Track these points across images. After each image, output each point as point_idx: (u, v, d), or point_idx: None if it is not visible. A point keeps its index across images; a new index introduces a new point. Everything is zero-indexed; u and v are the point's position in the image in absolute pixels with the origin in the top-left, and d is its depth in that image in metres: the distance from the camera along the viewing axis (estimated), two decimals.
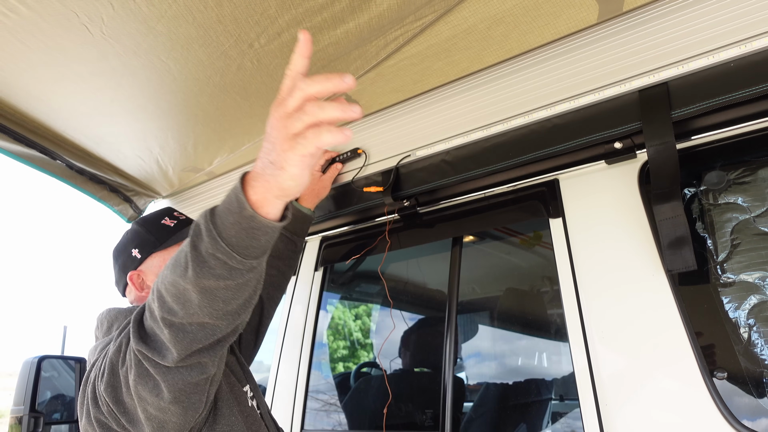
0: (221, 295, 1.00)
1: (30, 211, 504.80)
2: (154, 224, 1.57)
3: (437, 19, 1.58)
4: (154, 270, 1.52)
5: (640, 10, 1.53)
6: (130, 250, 1.54)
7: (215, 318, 1.03)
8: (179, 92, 1.90)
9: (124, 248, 1.56)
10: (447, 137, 1.91)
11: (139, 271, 1.52)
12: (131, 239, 1.56)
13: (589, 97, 1.61)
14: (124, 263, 1.54)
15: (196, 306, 1.00)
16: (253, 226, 0.95)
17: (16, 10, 1.46)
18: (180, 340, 1.04)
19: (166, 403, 1.10)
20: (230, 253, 0.95)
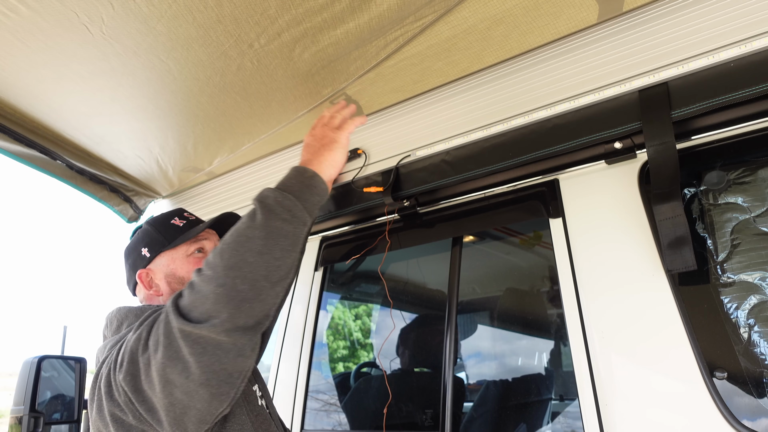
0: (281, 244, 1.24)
1: (30, 211, 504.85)
2: (164, 224, 1.61)
3: (437, 19, 1.59)
4: (162, 269, 1.55)
5: (640, 10, 1.53)
6: (140, 249, 1.57)
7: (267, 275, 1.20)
8: (179, 92, 1.90)
9: (134, 247, 1.60)
10: (447, 137, 1.91)
11: (148, 269, 1.56)
12: (141, 239, 1.60)
13: (589, 97, 1.61)
14: (134, 262, 1.58)
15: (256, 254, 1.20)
16: (313, 184, 1.42)
17: (16, 9, 1.46)
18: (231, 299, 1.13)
19: (195, 385, 1.12)
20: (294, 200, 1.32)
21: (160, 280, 1.55)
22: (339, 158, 1.56)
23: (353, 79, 1.87)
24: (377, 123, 2.12)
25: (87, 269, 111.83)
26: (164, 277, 1.55)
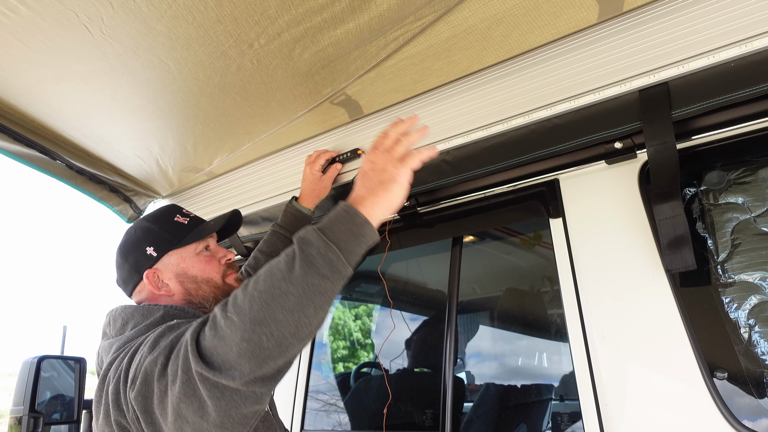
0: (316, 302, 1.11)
1: (29, 211, 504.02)
2: (168, 222, 1.57)
3: (437, 19, 1.58)
4: (171, 268, 1.52)
5: (640, 10, 1.53)
6: (144, 247, 1.52)
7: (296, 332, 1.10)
8: (179, 92, 1.90)
9: (135, 246, 1.54)
10: (447, 137, 1.91)
11: (155, 269, 1.51)
12: (144, 237, 1.54)
13: (589, 97, 1.61)
14: (137, 262, 1.52)
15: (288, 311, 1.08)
16: (362, 233, 1.17)
17: (15, 9, 1.46)
18: (255, 356, 1.06)
19: (209, 426, 1.08)
20: (338, 253, 1.13)
21: (169, 280, 1.51)
22: (396, 200, 1.25)
23: (353, 79, 1.87)
24: (377, 123, 2.12)
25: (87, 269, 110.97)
26: (175, 276, 1.52)
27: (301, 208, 2.04)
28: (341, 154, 2.18)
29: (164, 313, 1.39)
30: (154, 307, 1.42)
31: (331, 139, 2.27)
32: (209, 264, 1.56)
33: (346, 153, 2.17)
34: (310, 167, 2.13)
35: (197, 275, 1.53)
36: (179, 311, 1.42)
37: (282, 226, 2.02)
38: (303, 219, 2.04)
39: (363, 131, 2.17)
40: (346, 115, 2.13)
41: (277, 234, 2.01)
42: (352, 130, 2.19)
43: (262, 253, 1.98)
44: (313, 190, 2.11)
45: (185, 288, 1.51)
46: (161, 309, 1.40)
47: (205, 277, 1.54)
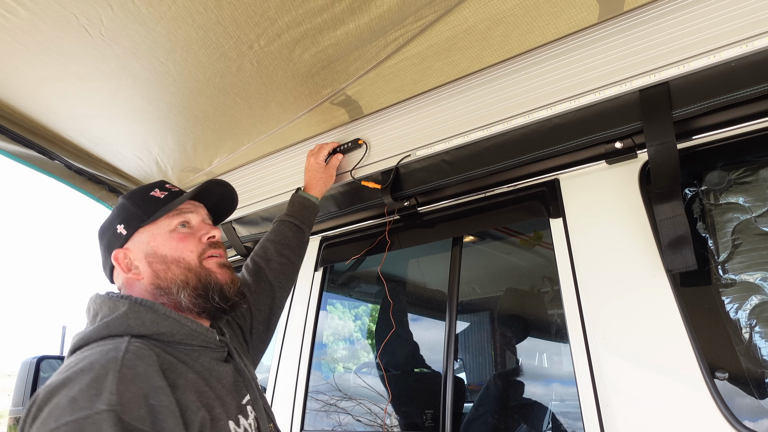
0: None
1: (29, 211, 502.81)
2: (142, 197, 1.40)
3: (437, 19, 1.58)
4: (141, 247, 1.34)
5: (640, 10, 1.53)
6: (115, 226, 1.37)
7: None
8: (178, 93, 1.90)
9: (109, 225, 1.39)
10: (447, 137, 1.91)
11: (125, 249, 1.34)
12: (117, 215, 1.39)
13: (589, 97, 1.61)
14: (109, 241, 1.37)
15: None
16: None
17: (14, 11, 1.46)
18: None
19: None
20: None
21: (139, 261, 1.33)
22: None
23: (353, 79, 1.86)
24: (377, 123, 2.12)
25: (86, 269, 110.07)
26: (144, 256, 1.33)
27: (308, 196, 2.00)
28: (342, 144, 2.18)
29: (127, 310, 1.20)
30: (120, 300, 1.23)
31: (330, 139, 2.27)
32: (183, 242, 1.36)
33: (347, 143, 2.18)
34: (315, 157, 2.12)
35: (167, 254, 1.34)
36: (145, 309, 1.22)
37: (289, 215, 1.93)
38: (311, 207, 1.99)
39: (363, 131, 2.16)
40: (346, 115, 2.13)
41: (284, 223, 1.91)
42: (352, 130, 2.19)
43: (270, 241, 1.86)
44: (321, 179, 2.08)
45: (153, 269, 1.33)
46: (126, 303, 1.21)
47: (176, 257, 1.34)
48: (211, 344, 1.30)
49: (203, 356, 1.27)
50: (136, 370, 1.06)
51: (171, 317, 1.23)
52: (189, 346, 1.25)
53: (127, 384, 1.02)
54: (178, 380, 1.13)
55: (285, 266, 1.83)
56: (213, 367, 1.27)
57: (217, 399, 1.21)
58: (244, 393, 1.34)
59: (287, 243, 1.87)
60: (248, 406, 1.33)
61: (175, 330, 1.22)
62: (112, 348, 1.09)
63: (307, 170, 2.12)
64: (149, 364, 1.09)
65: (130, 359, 1.07)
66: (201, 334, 1.27)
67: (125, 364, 1.05)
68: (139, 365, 1.07)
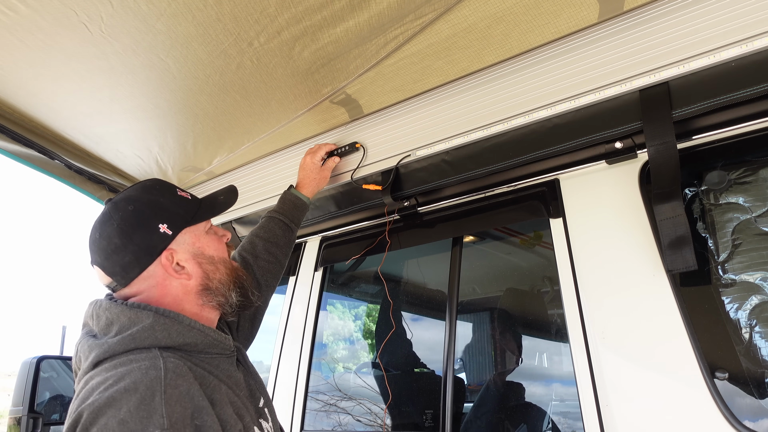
0: None
1: (29, 211, 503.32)
2: (175, 195, 1.36)
3: (437, 17, 1.58)
4: (186, 248, 1.31)
5: (640, 10, 1.53)
6: (156, 224, 1.27)
7: None
8: (178, 91, 1.90)
9: (143, 223, 1.27)
10: (447, 137, 1.91)
11: (170, 249, 1.28)
12: (153, 212, 1.29)
13: (589, 97, 1.60)
14: (148, 242, 1.26)
15: None
16: None
17: (15, 8, 1.46)
18: None
19: None
20: None
21: (186, 261, 1.30)
22: None
23: (353, 78, 1.86)
24: (377, 123, 2.12)
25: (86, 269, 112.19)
26: (192, 257, 1.31)
27: (300, 195, 2.00)
28: (339, 147, 2.18)
29: (153, 322, 1.16)
30: (143, 311, 1.19)
31: (330, 138, 2.27)
32: (220, 243, 1.40)
33: (344, 146, 2.18)
34: (311, 156, 2.12)
35: (213, 255, 1.35)
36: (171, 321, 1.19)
37: (280, 212, 1.93)
38: (302, 206, 1.99)
39: (363, 131, 2.16)
40: (345, 115, 2.13)
41: (274, 220, 1.90)
42: (352, 130, 2.19)
43: (258, 237, 1.85)
44: (314, 179, 2.08)
45: (204, 270, 1.32)
46: (150, 315, 1.18)
47: (221, 257, 1.37)
48: (227, 351, 1.29)
49: (223, 364, 1.27)
50: (179, 389, 1.06)
51: (196, 328, 1.22)
52: (209, 354, 1.25)
53: (173, 405, 1.02)
54: (214, 395, 1.14)
55: (272, 264, 1.82)
56: (232, 374, 1.28)
57: (244, 407, 1.23)
58: (258, 396, 1.35)
59: (276, 241, 1.86)
60: (265, 409, 1.35)
61: (199, 340, 1.22)
62: (150, 365, 1.07)
63: (302, 168, 2.11)
64: (190, 382, 1.10)
65: (172, 378, 1.07)
66: (221, 342, 1.27)
67: (169, 383, 1.05)
68: (181, 384, 1.07)
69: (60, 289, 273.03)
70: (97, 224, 1.30)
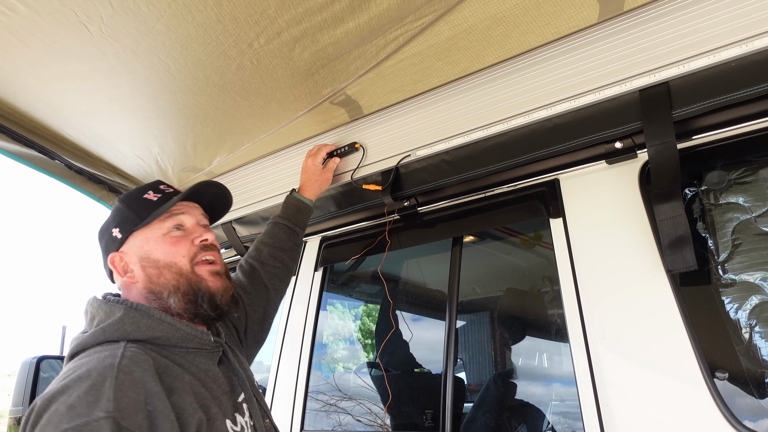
0: None
1: (29, 211, 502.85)
2: (136, 200, 1.40)
3: (437, 18, 1.58)
4: (135, 250, 1.34)
5: (640, 10, 1.53)
6: (111, 229, 1.38)
7: None
8: (179, 92, 1.90)
9: (106, 228, 1.40)
10: (447, 137, 1.91)
11: (121, 252, 1.35)
12: (113, 218, 1.40)
13: (589, 97, 1.61)
14: (107, 245, 1.39)
15: None
16: None
17: (15, 8, 1.46)
18: None
19: None
20: None
21: (134, 264, 1.33)
22: None
23: (353, 79, 1.86)
24: (377, 123, 2.12)
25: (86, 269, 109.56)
26: (138, 260, 1.33)
27: (303, 198, 2.01)
28: (339, 148, 2.19)
29: (123, 315, 1.20)
30: (116, 305, 1.23)
31: (330, 139, 2.27)
32: (176, 246, 1.35)
33: (344, 147, 2.18)
34: (312, 159, 2.12)
35: (159, 259, 1.33)
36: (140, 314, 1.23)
37: (284, 217, 1.94)
38: (305, 209, 2.00)
39: (363, 131, 2.16)
40: (345, 115, 2.13)
41: (278, 225, 1.92)
42: (352, 130, 2.19)
43: (264, 244, 1.87)
44: (316, 182, 2.09)
45: (146, 274, 1.32)
46: (121, 309, 1.22)
47: (168, 261, 1.33)
48: (206, 346, 1.30)
49: (198, 358, 1.28)
50: (132, 375, 1.06)
51: (166, 322, 1.24)
52: (184, 348, 1.26)
53: (124, 390, 1.03)
54: (174, 383, 1.14)
55: (279, 269, 1.84)
56: (209, 368, 1.28)
57: (213, 399, 1.22)
58: (239, 392, 1.35)
59: (281, 246, 1.88)
60: (244, 404, 1.34)
61: (170, 334, 1.23)
62: (109, 354, 1.10)
63: (304, 171, 2.12)
64: (145, 369, 1.10)
65: (127, 365, 1.08)
66: (195, 337, 1.28)
67: (122, 369, 1.06)
68: (135, 371, 1.08)
69: (60, 289, 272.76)
70: None
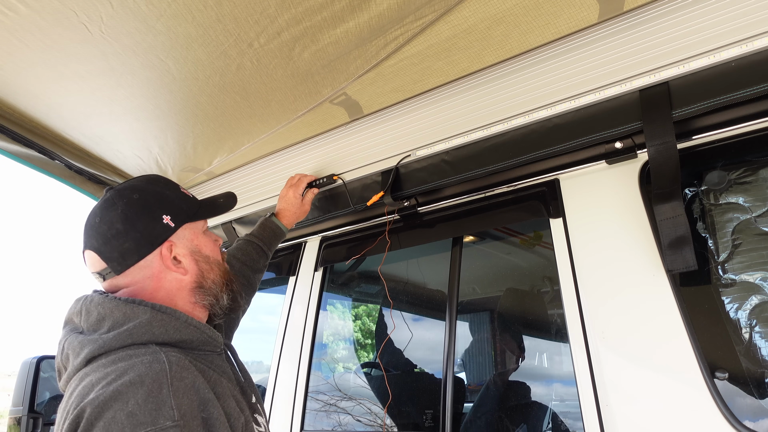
0: None
1: (29, 211, 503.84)
2: (178, 191, 1.36)
3: (437, 18, 1.58)
4: (186, 243, 1.30)
5: (640, 10, 1.53)
6: (161, 215, 1.26)
7: None
8: (178, 92, 1.90)
9: (147, 212, 1.25)
10: (447, 137, 1.91)
11: (171, 242, 1.27)
12: (157, 203, 1.28)
13: (589, 97, 1.61)
14: (151, 231, 1.24)
15: None
16: None
17: (15, 8, 1.46)
18: None
19: None
20: None
21: (184, 257, 1.28)
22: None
23: (353, 79, 1.86)
24: (377, 123, 2.12)
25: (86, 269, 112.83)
26: (190, 253, 1.30)
27: (280, 224, 2.06)
28: (318, 179, 2.23)
29: (151, 317, 1.14)
30: (139, 307, 1.15)
31: (330, 139, 2.27)
32: (215, 245, 1.39)
33: (322, 178, 2.24)
34: (294, 190, 2.17)
35: (209, 255, 1.34)
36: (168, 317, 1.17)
37: (259, 238, 1.97)
38: (280, 235, 2.05)
39: (363, 131, 2.16)
40: (345, 115, 2.13)
41: (252, 244, 1.94)
42: (352, 130, 2.19)
43: (236, 259, 1.87)
44: (295, 213, 2.14)
45: (199, 268, 1.31)
46: (147, 311, 1.14)
47: (216, 259, 1.37)
48: (218, 348, 1.29)
49: (217, 360, 1.27)
50: (185, 382, 1.05)
51: (192, 325, 1.20)
52: (204, 351, 1.24)
53: (180, 398, 1.01)
54: (217, 389, 1.13)
55: (244, 286, 1.86)
56: (226, 370, 1.28)
57: (242, 401, 1.24)
58: (250, 393, 1.35)
59: (251, 265, 1.91)
60: (257, 405, 1.36)
61: (194, 337, 1.20)
62: (153, 359, 1.05)
63: (284, 199, 2.15)
64: (195, 375, 1.08)
65: (177, 371, 1.05)
66: (214, 339, 1.26)
67: (175, 376, 1.03)
68: (187, 377, 1.06)
69: (60, 289, 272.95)
70: (97, 209, 1.27)
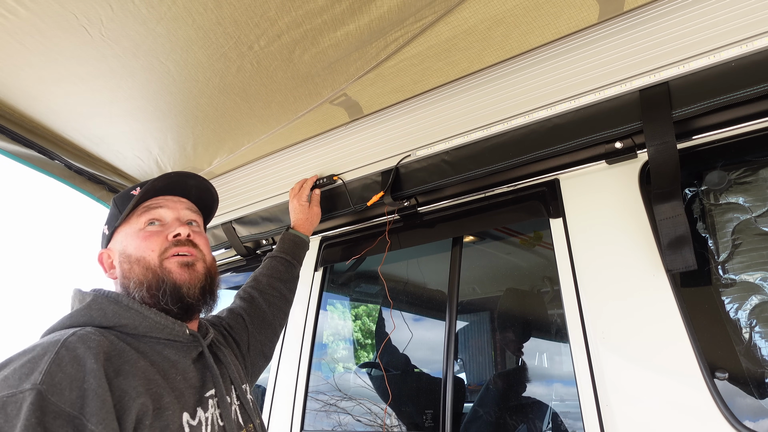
0: None
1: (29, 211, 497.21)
2: (122, 196, 1.42)
3: (437, 20, 1.58)
4: (117, 246, 1.35)
5: (640, 10, 1.53)
6: (103, 227, 1.43)
7: None
8: (178, 94, 1.89)
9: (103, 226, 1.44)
10: (447, 137, 1.91)
11: (108, 249, 1.38)
12: (107, 216, 1.43)
13: (589, 97, 1.61)
14: (100, 242, 1.43)
15: None
16: None
17: (14, 11, 1.45)
18: None
19: None
20: None
21: (116, 261, 1.34)
22: None
23: (353, 80, 1.86)
24: (377, 123, 2.12)
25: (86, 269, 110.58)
26: (118, 256, 1.34)
27: (299, 233, 2.06)
28: (320, 178, 2.25)
29: (91, 302, 1.20)
30: (87, 293, 1.24)
31: (330, 139, 2.27)
32: (148, 240, 1.33)
33: (322, 179, 2.25)
34: (297, 199, 2.19)
35: (131, 254, 1.31)
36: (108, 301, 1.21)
37: (281, 251, 1.97)
38: (302, 244, 2.05)
39: (363, 131, 2.16)
40: (345, 115, 2.13)
41: (276, 258, 1.94)
42: (352, 130, 2.19)
43: (263, 275, 1.88)
44: (307, 219, 2.15)
45: (122, 269, 1.32)
46: (91, 296, 1.22)
47: (138, 256, 1.31)
48: (179, 338, 1.27)
49: (168, 349, 1.24)
50: (75, 353, 1.04)
51: (133, 309, 1.21)
52: (154, 338, 1.23)
53: (62, 366, 1.00)
54: (123, 366, 1.11)
55: (277, 299, 1.84)
56: (178, 360, 1.25)
57: (171, 390, 1.18)
58: (210, 387, 1.30)
59: (279, 277, 1.90)
60: (210, 400, 1.28)
61: (137, 322, 1.20)
62: (63, 333, 1.08)
63: (293, 212, 2.18)
64: (90, 347, 1.06)
65: (72, 342, 1.05)
66: (166, 327, 1.24)
67: (65, 346, 1.04)
68: (79, 348, 1.05)
69: (60, 289, 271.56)
70: None
